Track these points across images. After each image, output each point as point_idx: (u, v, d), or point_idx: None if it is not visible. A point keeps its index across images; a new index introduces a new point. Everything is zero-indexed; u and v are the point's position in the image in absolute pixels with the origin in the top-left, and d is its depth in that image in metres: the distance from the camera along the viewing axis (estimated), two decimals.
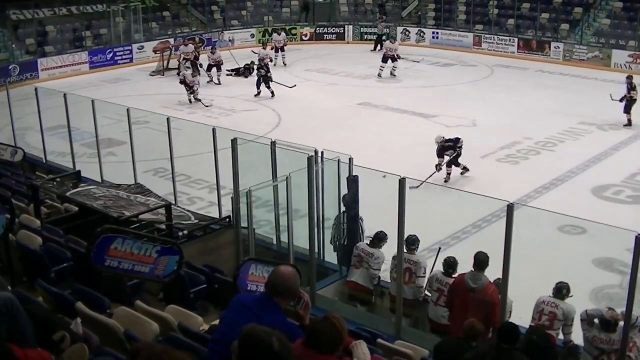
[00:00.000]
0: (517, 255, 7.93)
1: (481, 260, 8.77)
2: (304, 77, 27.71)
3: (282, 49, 30.74)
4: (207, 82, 26.82)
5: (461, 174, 16.69)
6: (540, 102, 23.59)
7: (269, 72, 24.94)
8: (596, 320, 8.32)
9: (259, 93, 24.93)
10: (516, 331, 6.74)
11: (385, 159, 15.47)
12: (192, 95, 24.18)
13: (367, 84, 27.18)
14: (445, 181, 16.31)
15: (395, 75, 27.86)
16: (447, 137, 16.50)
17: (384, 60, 28.16)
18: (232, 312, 4.99)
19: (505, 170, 17.60)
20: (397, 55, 28.05)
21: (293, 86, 25.49)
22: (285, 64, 30.33)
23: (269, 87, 24.76)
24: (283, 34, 32.27)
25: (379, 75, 28.01)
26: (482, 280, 8.71)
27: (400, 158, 17.30)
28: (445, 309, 9.23)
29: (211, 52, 27.55)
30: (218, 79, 27.29)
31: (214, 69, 27.22)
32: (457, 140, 16.45)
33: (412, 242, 9.82)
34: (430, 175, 15.72)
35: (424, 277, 9.84)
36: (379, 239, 10.31)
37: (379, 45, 33.35)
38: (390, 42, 29.75)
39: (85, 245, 7.61)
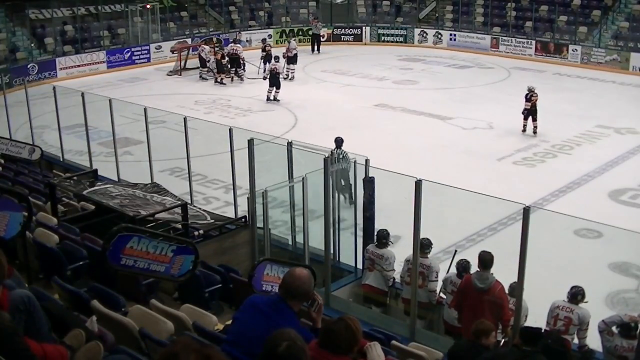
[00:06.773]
0: (532, 259, 7.89)
1: (486, 260, 8.78)
2: (321, 78, 27.69)
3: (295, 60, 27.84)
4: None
5: None
6: (557, 105, 23.43)
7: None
8: (614, 329, 8.25)
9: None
10: (539, 333, 6.76)
11: (401, 161, 15.45)
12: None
13: (383, 86, 27.12)
14: None
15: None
16: None
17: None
18: (244, 313, 4.97)
19: (522, 173, 17.52)
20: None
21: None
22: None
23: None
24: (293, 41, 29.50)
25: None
26: (490, 279, 8.72)
27: (416, 160, 17.26)
28: None
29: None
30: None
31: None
32: None
33: (425, 246, 9.74)
34: None
35: (436, 281, 9.82)
36: (384, 237, 10.25)
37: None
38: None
39: (102, 244, 7.65)
